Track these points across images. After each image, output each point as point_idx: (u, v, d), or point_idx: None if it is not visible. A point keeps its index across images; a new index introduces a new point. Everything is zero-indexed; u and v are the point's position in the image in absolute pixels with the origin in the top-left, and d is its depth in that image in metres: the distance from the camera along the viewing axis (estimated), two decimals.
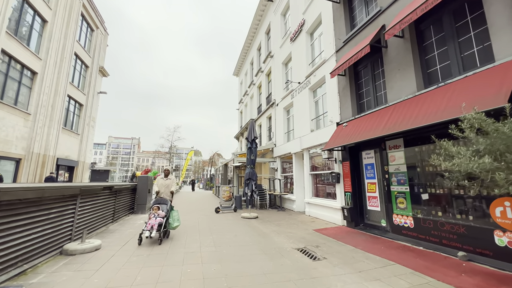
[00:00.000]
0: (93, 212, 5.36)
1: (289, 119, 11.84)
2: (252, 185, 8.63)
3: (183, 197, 18.42)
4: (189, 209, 10.48)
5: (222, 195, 11.20)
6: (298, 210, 9.91)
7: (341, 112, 7.45)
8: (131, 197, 8.37)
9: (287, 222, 7.77)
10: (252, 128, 8.96)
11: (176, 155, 43.89)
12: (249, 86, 18.44)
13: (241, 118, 21.50)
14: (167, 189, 6.17)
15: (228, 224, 7.33)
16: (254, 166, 8.88)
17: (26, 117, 13.35)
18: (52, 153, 15.37)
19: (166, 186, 6.18)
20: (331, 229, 6.67)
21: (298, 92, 10.37)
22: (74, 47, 17.03)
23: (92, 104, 20.39)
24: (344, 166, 7.08)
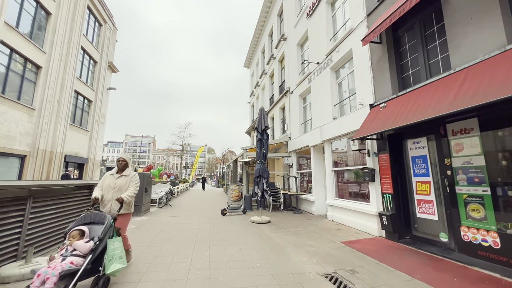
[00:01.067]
0: (57, 219, 4.17)
1: (306, 107, 10.21)
2: (263, 183, 7.19)
3: (190, 195, 17.39)
4: (192, 210, 9.25)
5: (230, 194, 9.86)
6: (318, 213, 8.32)
7: (376, 91, 5.76)
8: None
9: (306, 229, 6.24)
10: (263, 116, 7.49)
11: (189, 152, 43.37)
12: (261, 77, 16.93)
13: (253, 111, 20.06)
14: (117, 193, 3.34)
15: (233, 231, 5.95)
16: (266, 162, 7.44)
17: (30, 112, 12.78)
18: (59, 150, 14.85)
19: (116, 189, 3.38)
20: (365, 241, 5.07)
21: (317, 75, 8.72)
22: (80, 41, 16.41)
23: (101, 100, 19.88)
24: (381, 160, 5.41)
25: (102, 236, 2.69)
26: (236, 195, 9.92)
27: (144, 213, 7.70)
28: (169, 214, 8.08)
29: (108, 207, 3.33)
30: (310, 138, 8.73)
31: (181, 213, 8.42)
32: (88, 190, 5.12)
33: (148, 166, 10.92)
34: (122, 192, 3.38)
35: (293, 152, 10.42)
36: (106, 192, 3.39)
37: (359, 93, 6.37)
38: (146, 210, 7.94)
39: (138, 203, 7.37)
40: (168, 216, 7.75)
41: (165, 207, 9.78)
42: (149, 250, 4.27)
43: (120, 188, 3.41)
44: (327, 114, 7.84)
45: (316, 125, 8.44)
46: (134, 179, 3.54)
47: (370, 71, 5.94)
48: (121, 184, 3.45)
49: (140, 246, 4.50)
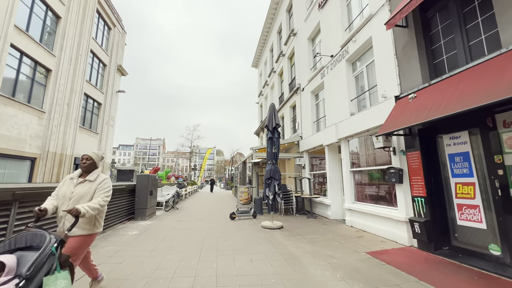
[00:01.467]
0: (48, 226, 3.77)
1: (319, 104, 9.58)
2: (275, 185, 6.62)
3: (199, 197, 17.00)
4: (200, 214, 8.78)
5: (240, 197, 9.33)
6: (335, 217, 7.65)
7: (401, 81, 5.10)
8: (128, 201, 6.86)
9: (324, 236, 5.61)
10: (273, 113, 6.95)
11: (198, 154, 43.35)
12: (269, 75, 16.42)
13: (261, 112, 19.54)
14: (74, 204, 2.34)
15: (243, 238, 5.40)
16: (277, 162, 6.87)
17: (40, 115, 12.81)
18: (69, 152, 14.86)
19: (73, 200, 2.39)
20: (395, 252, 4.39)
21: (331, 69, 8.10)
22: (90, 44, 16.49)
23: (111, 103, 19.96)
24: (410, 159, 4.73)
25: (28, 273, 1.54)
26: (245, 198, 9.39)
27: (149, 217, 7.29)
28: (175, 218, 7.64)
29: (61, 224, 2.34)
30: (324, 136, 8.10)
31: (187, 217, 7.97)
32: None
33: (155, 168, 10.59)
34: (84, 201, 2.37)
35: (305, 152, 9.80)
36: (61, 203, 2.36)
37: (381, 85, 5.71)
38: (151, 214, 7.54)
39: (142, 207, 6.98)
40: (174, 220, 7.31)
41: (172, 210, 9.38)
42: (149, 261, 3.79)
43: (79, 199, 2.36)
44: (343, 110, 7.20)
45: (331, 122, 7.81)
46: (103, 185, 2.47)
47: (394, 59, 5.29)
48: (81, 192, 2.38)
49: (140, 256, 4.03)
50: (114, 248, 4.33)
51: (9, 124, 11.05)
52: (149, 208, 7.20)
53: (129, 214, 6.91)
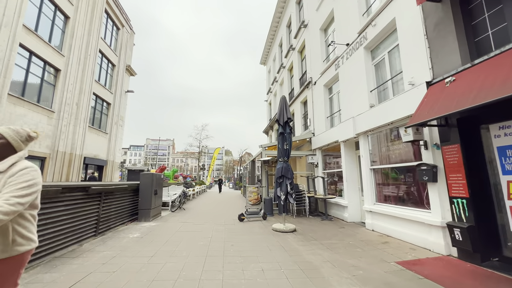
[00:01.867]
0: (40, 229, 3.38)
1: (332, 98, 8.92)
2: (287, 185, 6.05)
3: (207, 197, 16.62)
4: (207, 215, 8.33)
5: (249, 197, 8.82)
6: (352, 220, 6.99)
7: (434, 65, 4.42)
8: (131, 201, 6.49)
9: (343, 241, 4.99)
10: (284, 107, 6.39)
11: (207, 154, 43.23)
12: (278, 71, 15.84)
13: (270, 110, 18.99)
14: None
15: (253, 242, 4.87)
16: (289, 159, 6.30)
17: (49, 115, 12.81)
18: (78, 152, 14.86)
19: None
20: (431, 263, 3.73)
21: (346, 58, 7.44)
22: (98, 44, 16.49)
23: (120, 103, 19.98)
24: (447, 153, 4.05)
25: None
26: (254, 198, 8.86)
27: (154, 218, 6.90)
28: (180, 219, 7.21)
29: None
30: (339, 132, 7.45)
31: (194, 218, 7.53)
32: (82, 193, 4.35)
33: (161, 167, 10.24)
34: None
35: (318, 150, 9.16)
36: None
37: (408, 71, 5.04)
38: (156, 215, 7.15)
39: (146, 207, 6.59)
40: (179, 221, 6.88)
41: (178, 211, 8.98)
42: (146, 269, 3.33)
43: None
44: (362, 102, 6.54)
45: (347, 116, 7.15)
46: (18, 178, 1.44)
47: (424, 40, 4.61)
48: None
49: (138, 263, 3.58)
50: (111, 253, 3.91)
51: (19, 124, 11.02)
52: (153, 208, 6.81)
53: (132, 214, 6.54)
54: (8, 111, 10.48)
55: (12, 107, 10.65)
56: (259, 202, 8.89)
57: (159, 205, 7.48)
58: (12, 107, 10.65)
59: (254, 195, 8.88)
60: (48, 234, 3.56)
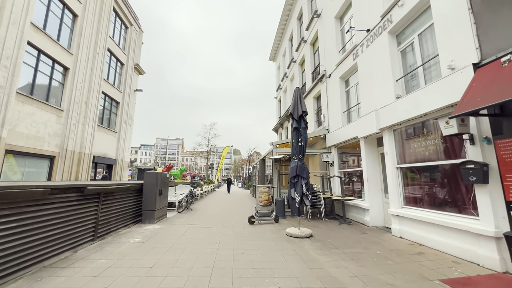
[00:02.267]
0: (21, 237, 2.95)
1: (349, 91, 8.20)
2: (302, 185, 5.44)
3: (215, 197, 16.20)
4: (215, 216, 7.83)
5: (259, 198, 8.26)
6: (374, 224, 6.29)
7: (482, 43, 3.68)
8: (134, 202, 6.07)
9: (369, 250, 4.34)
10: (299, 99, 5.77)
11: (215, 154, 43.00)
12: (289, 66, 15.17)
13: (279, 107, 18.34)
14: None
15: (265, 250, 4.30)
16: (304, 157, 5.69)
17: (58, 113, 12.73)
18: (88, 151, 14.79)
19: None
20: (485, 282, 3.03)
21: (367, 46, 6.73)
22: (107, 43, 16.39)
23: (128, 102, 19.91)
24: (503, 149, 3.32)
25: None
26: (265, 199, 8.30)
27: (158, 220, 6.46)
28: (187, 222, 6.74)
29: None
30: (359, 127, 6.75)
31: (201, 220, 7.05)
32: (77, 194, 3.92)
33: (168, 165, 9.81)
34: None
35: (334, 147, 8.47)
36: None
37: (446, 53, 4.30)
38: (161, 216, 6.71)
39: (150, 209, 6.15)
40: (185, 224, 6.41)
41: (185, 212, 8.55)
42: (143, 285, 2.83)
43: None
44: (386, 94, 5.83)
45: (369, 109, 6.44)
46: None
47: (469, 15, 3.87)
48: None
49: (134, 275, 3.09)
50: (106, 263, 3.44)
51: (27, 122, 10.95)
52: (158, 209, 6.37)
53: (135, 216, 6.13)
54: (17, 109, 10.38)
55: (20, 106, 10.55)
56: (270, 203, 8.32)
57: (165, 206, 7.05)
58: (20, 105, 10.55)
59: (265, 195, 8.31)
60: (35, 240, 3.13)
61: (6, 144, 9.94)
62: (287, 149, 8.71)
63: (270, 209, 8.27)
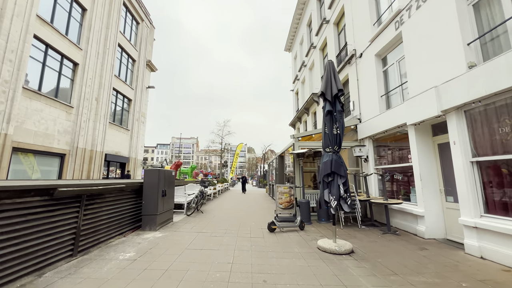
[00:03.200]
0: None
1: (388, 71, 6.70)
2: (339, 186, 4.12)
3: (229, 197, 15.14)
4: (228, 220, 6.69)
5: (279, 199, 7.02)
6: (432, 235, 4.81)
7: None
8: (132, 205, 5.06)
9: (447, 281, 2.94)
10: (332, 74, 4.43)
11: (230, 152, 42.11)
12: (307, 54, 13.70)
13: (297, 100, 16.90)
14: None
15: (296, 277, 3.05)
16: (340, 149, 4.36)
17: (68, 110, 12.26)
18: (99, 149, 14.31)
19: None
20: None
21: (417, 6, 5.22)
22: (117, 38, 15.85)
23: (141, 99, 19.41)
24: None
25: None
26: (286, 201, 7.04)
27: (161, 226, 5.42)
28: (195, 228, 5.65)
29: None
30: (406, 112, 5.27)
31: (212, 226, 5.94)
32: (42, 198, 2.90)
33: (177, 162, 8.77)
34: None
35: (368, 139, 7.00)
36: None
37: None
38: (165, 221, 5.67)
39: (151, 213, 5.11)
40: (192, 231, 5.31)
41: (195, 214, 7.50)
42: None
43: None
44: (452, 63, 4.33)
45: (422, 88, 4.95)
46: None
47: None
48: None
49: None
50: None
51: (35, 119, 10.46)
52: (160, 214, 5.32)
53: (134, 222, 5.12)
54: (24, 105, 9.87)
55: (27, 102, 10.03)
56: (292, 206, 7.04)
57: (170, 209, 6.00)
58: (27, 101, 10.03)
59: (285, 197, 7.05)
60: None
61: (13, 141, 9.45)
62: (311, 143, 7.38)
63: (292, 213, 7.00)
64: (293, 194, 7.15)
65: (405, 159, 5.75)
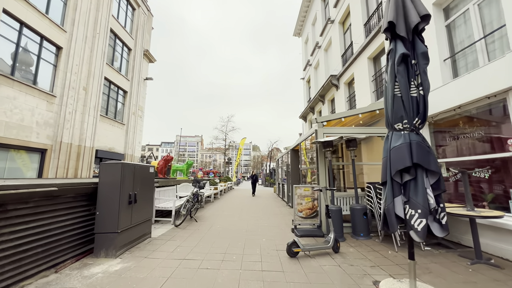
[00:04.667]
0: None
1: (456, 24, 4.66)
2: (427, 190, 2.21)
3: (232, 198, 13.25)
4: (229, 236, 4.79)
5: (298, 205, 5.08)
6: None
7: None
8: (77, 217, 3.22)
9: None
10: None
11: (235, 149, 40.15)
12: (322, 33, 11.66)
13: (308, 88, 14.88)
14: None
15: None
16: (424, 124, 2.45)
17: (50, 99, 10.61)
18: (89, 144, 12.65)
19: None
20: None
21: None
22: (109, 23, 14.15)
23: (138, 92, 17.71)
24: None
25: None
26: (308, 208, 5.11)
27: (128, 249, 3.54)
28: (179, 251, 3.76)
29: None
30: (502, 74, 3.27)
31: (205, 245, 4.05)
32: None
33: (166, 157, 6.91)
34: None
35: None
36: None
37: None
38: (136, 239, 3.79)
39: (108, 230, 3.26)
40: (173, 257, 3.44)
41: (186, 223, 5.64)
42: None
43: None
44: None
45: None
46: None
47: None
48: None
49: None
50: None
51: (7, 108, 8.80)
52: (125, 230, 3.46)
53: (83, 244, 3.28)
54: None
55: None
56: (316, 214, 5.11)
57: (146, 220, 4.14)
58: None
59: (307, 202, 5.11)
60: None
61: None
62: (339, 129, 5.42)
63: (316, 223, 5.08)
64: (316, 198, 5.21)
65: (497, 147, 3.74)
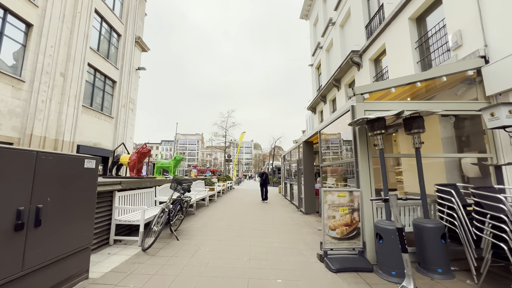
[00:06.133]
0: None
1: None
2: None
3: (232, 201, 11.38)
4: (222, 268, 2.98)
5: (330, 219, 3.25)
6: None
7: None
8: None
9: None
10: None
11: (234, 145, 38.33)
12: (337, 7, 9.76)
13: (318, 75, 12.98)
14: None
15: None
16: None
17: (17, 84, 8.83)
18: (68, 138, 10.86)
19: None
20: None
21: None
22: (93, 2, 12.34)
23: (129, 82, 15.89)
24: None
25: None
26: (344, 223, 3.27)
27: None
28: None
29: None
30: None
31: None
32: None
33: (141, 149, 4.98)
34: None
35: None
36: None
37: None
38: None
39: None
40: None
41: (162, 242, 3.83)
42: None
43: None
44: None
45: None
46: None
47: None
48: None
49: None
50: None
51: None
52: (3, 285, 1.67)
53: None
54: None
55: None
56: (356, 233, 3.28)
57: (73, 251, 2.29)
58: None
59: (343, 214, 3.27)
60: None
61: None
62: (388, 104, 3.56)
63: (356, 247, 3.24)
64: (357, 209, 3.38)
65: None
